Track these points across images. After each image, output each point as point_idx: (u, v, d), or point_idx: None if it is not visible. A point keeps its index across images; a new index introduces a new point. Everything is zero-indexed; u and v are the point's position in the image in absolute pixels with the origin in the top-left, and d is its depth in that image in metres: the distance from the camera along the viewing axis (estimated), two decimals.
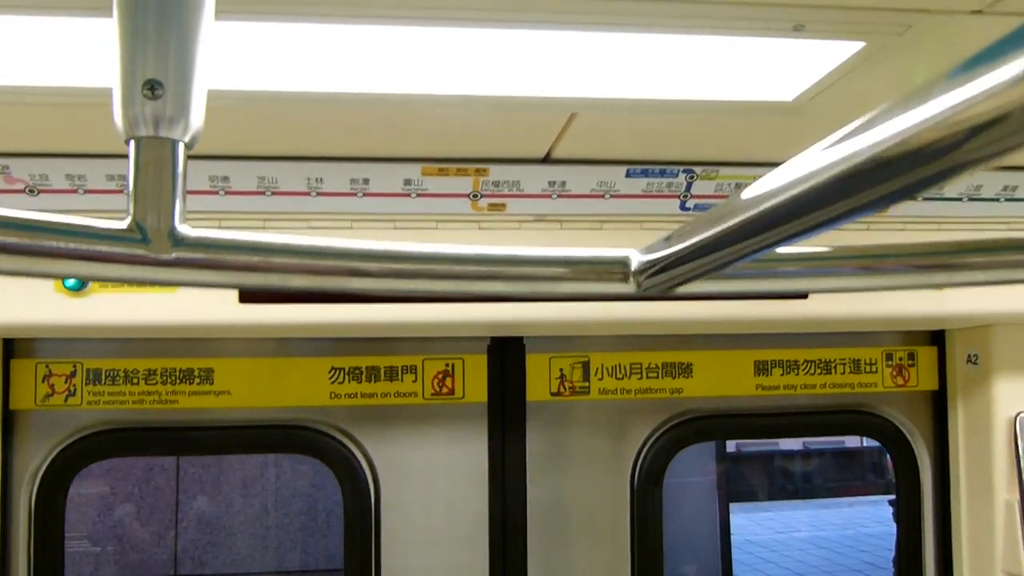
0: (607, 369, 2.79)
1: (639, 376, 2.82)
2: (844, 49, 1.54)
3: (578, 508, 2.84)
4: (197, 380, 2.60)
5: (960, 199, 2.39)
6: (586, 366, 2.78)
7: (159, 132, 1.08)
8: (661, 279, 1.22)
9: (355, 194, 2.13)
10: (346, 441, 2.68)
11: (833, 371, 2.94)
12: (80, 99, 1.65)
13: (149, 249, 1.07)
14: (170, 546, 7.51)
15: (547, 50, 1.52)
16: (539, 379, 2.76)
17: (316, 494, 7.67)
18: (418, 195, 2.15)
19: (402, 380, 2.65)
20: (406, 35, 1.44)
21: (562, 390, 2.78)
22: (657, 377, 2.83)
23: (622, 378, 2.80)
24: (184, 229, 1.10)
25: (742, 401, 2.90)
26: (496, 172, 2.14)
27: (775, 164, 2.26)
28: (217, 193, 2.08)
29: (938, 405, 3.01)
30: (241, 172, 2.06)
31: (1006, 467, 2.78)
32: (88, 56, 1.48)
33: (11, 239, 1.05)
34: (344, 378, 2.64)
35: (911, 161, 0.61)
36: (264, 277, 1.15)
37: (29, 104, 1.71)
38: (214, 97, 1.18)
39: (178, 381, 2.59)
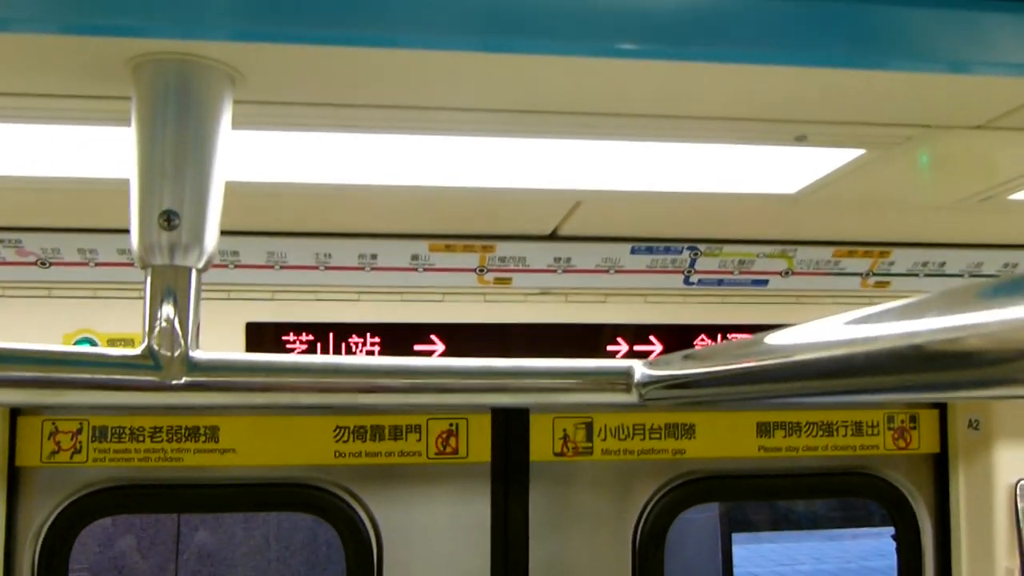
0: (610, 430, 2.81)
1: (642, 437, 2.83)
2: (845, 154, 1.57)
3: (580, 568, 2.85)
4: (202, 438, 2.61)
5: (962, 275, 2.41)
6: (589, 427, 2.80)
7: (174, 260, 1.11)
8: (666, 395, 1.24)
9: (363, 268, 2.16)
10: (350, 500, 2.70)
11: (835, 433, 2.94)
12: (94, 186, 1.68)
13: (161, 375, 1.10)
14: None
15: (553, 147, 1.55)
16: (543, 439, 2.77)
17: (317, 527, 7.66)
18: (425, 269, 2.18)
19: (406, 439, 2.67)
20: (416, 139, 1.47)
21: (565, 450, 2.79)
22: (660, 438, 2.83)
23: (625, 439, 2.81)
24: (197, 354, 1.13)
25: (744, 463, 2.91)
26: (503, 248, 2.16)
27: (778, 242, 2.28)
28: (227, 267, 2.11)
29: (939, 469, 3.02)
30: (251, 247, 2.09)
31: (1007, 533, 2.78)
32: (102, 152, 1.51)
33: (26, 373, 1.07)
34: (349, 437, 2.65)
35: (957, 362, 0.61)
36: (275, 397, 1.18)
37: (44, 189, 1.74)
38: (227, 187, 1.21)
39: (183, 439, 2.60)
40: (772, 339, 0.96)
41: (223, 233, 1.20)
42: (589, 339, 2.33)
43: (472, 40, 1.03)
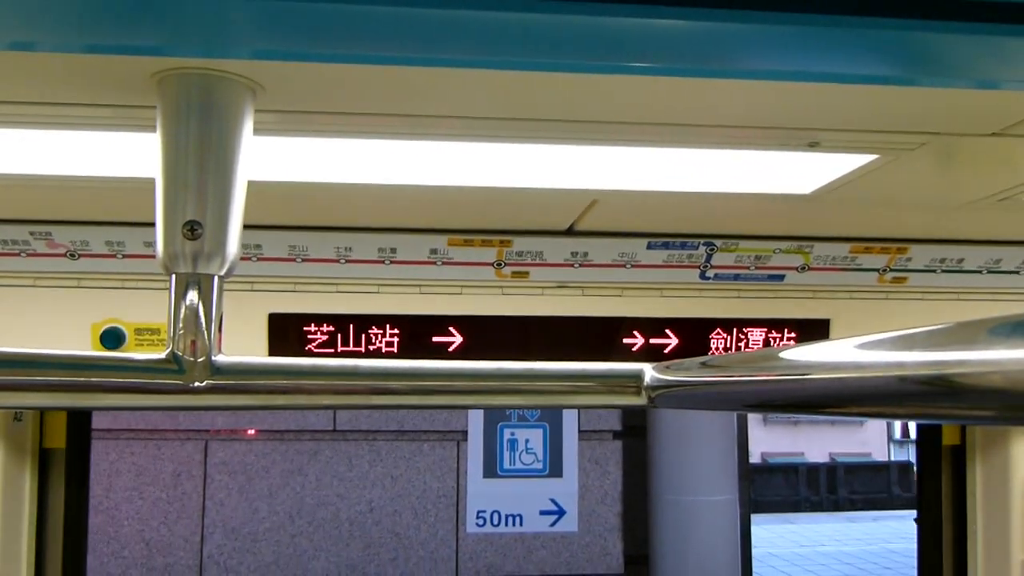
0: None
1: None
2: (859, 158, 1.58)
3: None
4: None
5: (980, 271, 2.41)
6: None
7: (197, 268, 1.15)
8: (674, 399, 1.27)
9: (382, 262, 2.19)
10: None
11: None
12: (121, 185, 1.72)
13: (185, 379, 1.15)
14: (196, 551, 7.66)
15: (569, 150, 1.58)
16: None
17: (340, 504, 7.79)
18: (443, 263, 2.21)
19: None
20: (434, 143, 1.50)
21: None
22: None
23: None
24: (219, 358, 1.17)
25: None
26: (520, 243, 2.19)
27: (794, 238, 2.28)
28: (250, 259, 2.15)
29: (958, 461, 3.04)
30: (273, 241, 2.14)
31: (1023, 526, 2.80)
32: (128, 154, 1.55)
33: (53, 377, 1.12)
34: None
35: (978, 395, 0.63)
36: (294, 399, 1.22)
37: (74, 187, 1.79)
38: (249, 186, 1.25)
39: None
40: (788, 355, 0.97)
41: (246, 227, 1.24)
42: (605, 332, 2.36)
43: (488, 59, 1.06)
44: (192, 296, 1.15)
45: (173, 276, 1.16)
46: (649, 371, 1.30)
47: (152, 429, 7.58)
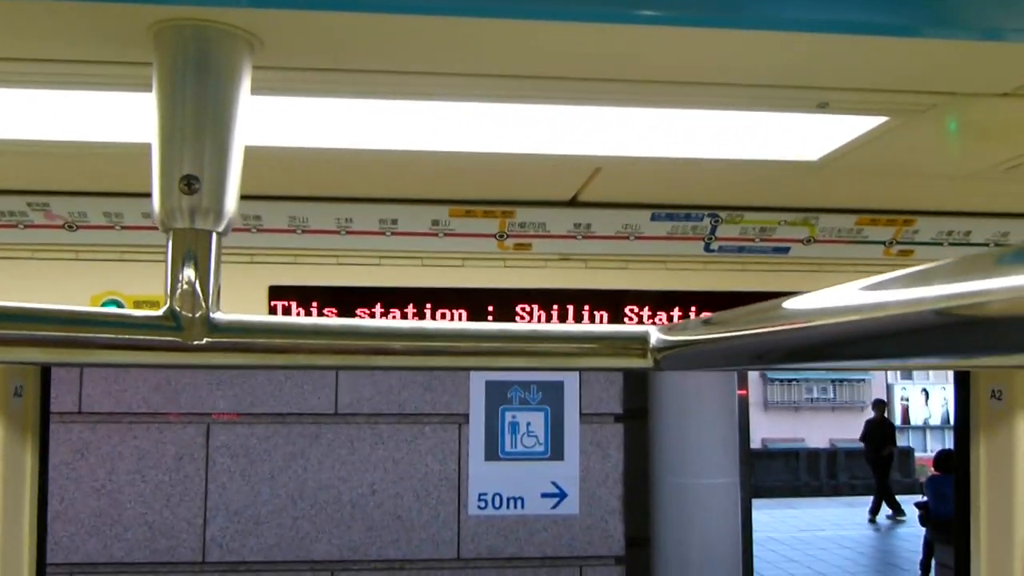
0: None
1: None
2: (868, 121, 1.55)
3: None
4: None
5: (987, 244, 2.38)
6: None
7: (195, 224, 1.13)
8: (681, 359, 1.25)
9: (384, 233, 2.17)
10: None
11: None
12: (119, 151, 1.70)
13: (183, 336, 1.13)
14: (199, 534, 7.67)
15: (572, 113, 1.55)
16: None
17: (342, 486, 7.79)
18: (445, 234, 2.19)
19: None
20: (435, 105, 1.48)
21: None
22: None
23: None
24: (218, 316, 1.15)
25: None
26: (522, 214, 2.17)
27: (800, 210, 2.25)
28: (249, 231, 2.13)
29: (962, 438, 3.01)
30: (273, 211, 2.11)
31: None
32: (126, 118, 1.53)
33: (51, 332, 1.10)
34: None
35: (979, 328, 0.60)
36: (292, 358, 1.20)
37: (71, 155, 1.77)
38: (248, 151, 1.23)
39: None
40: (790, 304, 0.96)
41: (246, 198, 1.21)
42: (609, 305, 2.34)
43: (490, 6, 1.03)
44: (190, 252, 1.13)
45: (170, 232, 1.14)
46: (655, 333, 1.29)
47: (154, 412, 7.57)
